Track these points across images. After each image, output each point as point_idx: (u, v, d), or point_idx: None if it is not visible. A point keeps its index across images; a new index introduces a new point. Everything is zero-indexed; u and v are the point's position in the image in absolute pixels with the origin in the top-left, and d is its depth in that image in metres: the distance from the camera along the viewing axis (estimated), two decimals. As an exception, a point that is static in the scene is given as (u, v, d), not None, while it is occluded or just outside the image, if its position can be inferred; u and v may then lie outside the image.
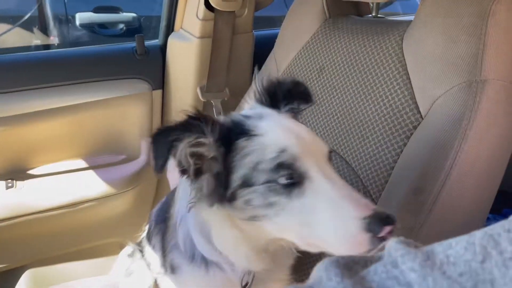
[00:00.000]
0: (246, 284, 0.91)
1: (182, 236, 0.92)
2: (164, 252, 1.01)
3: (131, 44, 1.80)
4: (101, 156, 1.79)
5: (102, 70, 1.74)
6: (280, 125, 0.78)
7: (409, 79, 1.14)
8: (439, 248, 0.38)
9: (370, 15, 1.53)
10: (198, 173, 0.77)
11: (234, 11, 1.70)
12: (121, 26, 3.43)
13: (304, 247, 0.77)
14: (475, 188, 1.06)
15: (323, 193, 0.71)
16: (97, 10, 3.37)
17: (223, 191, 0.75)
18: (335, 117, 1.32)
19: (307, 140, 0.76)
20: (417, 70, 1.13)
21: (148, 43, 1.85)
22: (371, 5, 1.53)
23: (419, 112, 1.10)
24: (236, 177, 0.74)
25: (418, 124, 1.09)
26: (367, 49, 1.30)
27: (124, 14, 3.45)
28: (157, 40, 1.88)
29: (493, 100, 1.04)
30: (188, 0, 1.72)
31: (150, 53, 1.80)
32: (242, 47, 1.80)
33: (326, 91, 1.38)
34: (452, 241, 0.38)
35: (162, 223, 1.05)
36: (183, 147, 0.73)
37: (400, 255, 0.38)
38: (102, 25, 3.41)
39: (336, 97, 1.34)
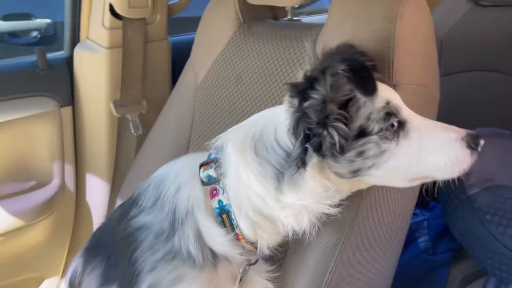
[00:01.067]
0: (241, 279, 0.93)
1: (192, 234, 0.86)
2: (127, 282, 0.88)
3: (31, 58, 1.63)
4: (6, 184, 1.61)
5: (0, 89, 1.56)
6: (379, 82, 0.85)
7: (324, 86, 1.10)
8: None
9: (286, 18, 1.49)
10: (325, 122, 0.77)
11: (145, 18, 1.58)
12: (35, 34, 3.18)
13: (406, 184, 0.86)
14: (397, 190, 1.04)
15: (424, 128, 0.82)
16: (6, 17, 3.09)
17: (345, 142, 0.77)
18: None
19: (394, 93, 0.86)
20: (331, 77, 1.09)
21: (52, 55, 1.69)
22: (287, 8, 1.48)
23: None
24: (353, 128, 0.78)
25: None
26: (282, 55, 1.24)
27: (37, 20, 3.20)
28: (62, 52, 1.72)
29: (406, 104, 1.02)
30: (92, 8, 1.58)
31: (55, 66, 1.64)
32: (157, 55, 1.70)
33: (244, 100, 1.31)
34: None
35: (107, 251, 0.94)
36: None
37: None
38: (14, 34, 3.15)
39: (255, 106, 1.28)
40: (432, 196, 1.54)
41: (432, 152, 0.81)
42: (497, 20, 2.07)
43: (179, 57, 1.67)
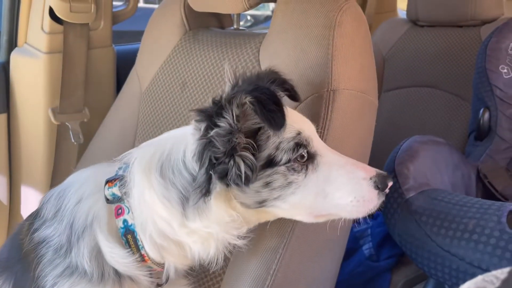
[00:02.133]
0: None
1: (87, 250, 0.81)
2: None
3: (-37, 63, 1.54)
4: None
5: None
6: (289, 110, 0.80)
7: (266, 91, 1.11)
8: None
9: (232, 27, 1.50)
10: (232, 152, 0.74)
11: (88, 23, 1.55)
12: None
13: (311, 220, 0.84)
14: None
15: (334, 163, 0.80)
16: None
17: (250, 173, 0.74)
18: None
19: (308, 124, 0.84)
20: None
21: (-14, 60, 1.61)
22: (233, 17, 1.50)
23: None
24: (261, 157, 0.76)
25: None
26: (226, 62, 1.25)
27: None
28: (-2, 57, 1.64)
29: (345, 109, 1.05)
30: (31, 12, 1.52)
31: (-11, 72, 1.56)
32: (101, 62, 1.65)
33: (189, 107, 1.30)
34: None
35: (14, 266, 0.89)
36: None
37: None
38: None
39: (199, 113, 1.26)
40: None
41: (339, 189, 0.79)
42: (433, 39, 2.21)
43: (125, 66, 1.63)
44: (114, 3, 1.71)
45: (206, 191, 0.75)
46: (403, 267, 1.52)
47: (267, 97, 0.73)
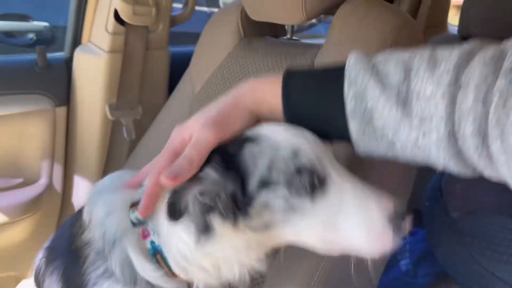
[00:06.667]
0: None
1: (119, 262, 0.82)
2: None
3: (31, 56, 1.64)
4: (-7, 180, 1.60)
5: (-4, 84, 1.57)
6: (280, 127, 0.72)
7: (319, 102, 1.14)
8: None
9: (285, 37, 1.54)
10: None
11: (147, 26, 1.62)
12: (31, 35, 3.18)
13: (325, 251, 0.74)
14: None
15: (347, 193, 0.69)
16: (2, 17, 3.10)
17: (241, 197, 0.68)
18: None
19: (311, 139, 0.71)
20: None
21: (52, 55, 1.71)
22: (287, 27, 1.53)
23: (328, 136, 1.09)
24: (253, 180, 0.68)
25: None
26: (281, 71, 1.28)
27: (34, 23, 3.21)
28: (62, 53, 1.74)
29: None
30: (96, 12, 1.61)
31: (54, 66, 1.66)
32: (157, 63, 1.73)
33: None
34: None
35: (64, 256, 0.92)
36: None
37: None
38: (9, 34, 3.15)
39: (250, 118, 1.31)
40: (417, 221, 1.59)
41: (350, 225, 0.68)
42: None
43: (177, 68, 1.70)
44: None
45: (204, 229, 0.73)
46: (442, 286, 1.51)
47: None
